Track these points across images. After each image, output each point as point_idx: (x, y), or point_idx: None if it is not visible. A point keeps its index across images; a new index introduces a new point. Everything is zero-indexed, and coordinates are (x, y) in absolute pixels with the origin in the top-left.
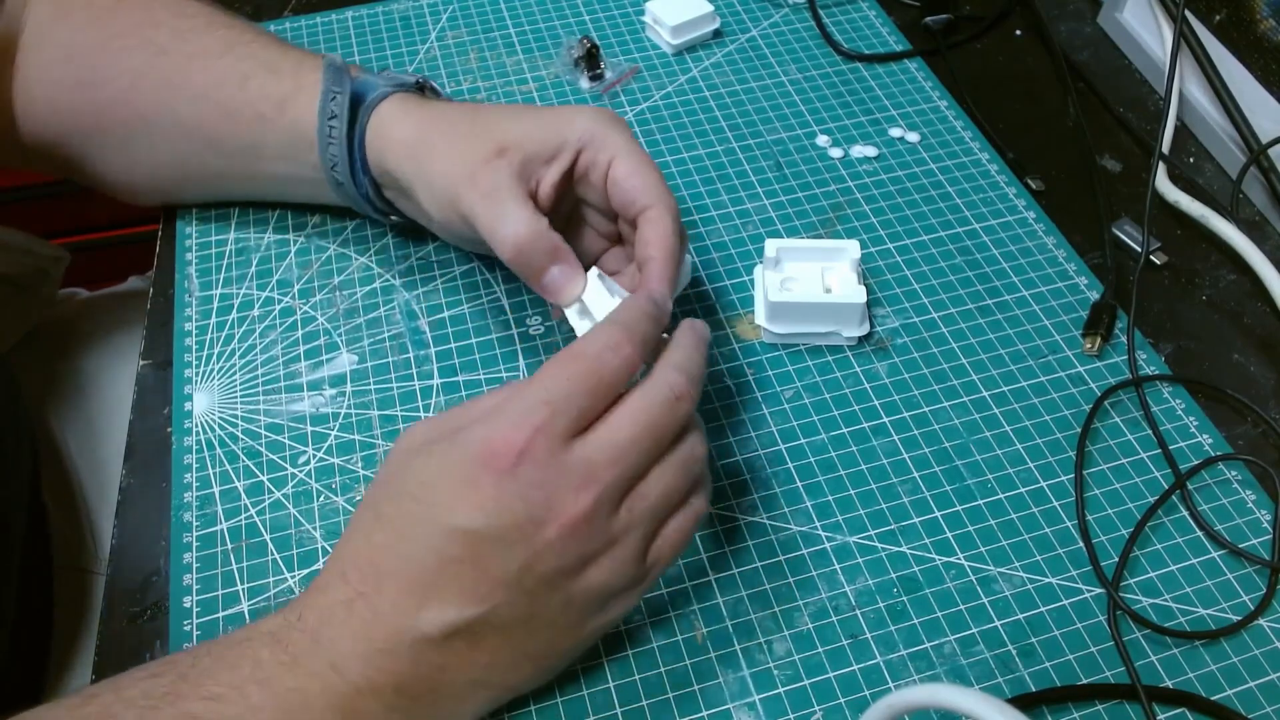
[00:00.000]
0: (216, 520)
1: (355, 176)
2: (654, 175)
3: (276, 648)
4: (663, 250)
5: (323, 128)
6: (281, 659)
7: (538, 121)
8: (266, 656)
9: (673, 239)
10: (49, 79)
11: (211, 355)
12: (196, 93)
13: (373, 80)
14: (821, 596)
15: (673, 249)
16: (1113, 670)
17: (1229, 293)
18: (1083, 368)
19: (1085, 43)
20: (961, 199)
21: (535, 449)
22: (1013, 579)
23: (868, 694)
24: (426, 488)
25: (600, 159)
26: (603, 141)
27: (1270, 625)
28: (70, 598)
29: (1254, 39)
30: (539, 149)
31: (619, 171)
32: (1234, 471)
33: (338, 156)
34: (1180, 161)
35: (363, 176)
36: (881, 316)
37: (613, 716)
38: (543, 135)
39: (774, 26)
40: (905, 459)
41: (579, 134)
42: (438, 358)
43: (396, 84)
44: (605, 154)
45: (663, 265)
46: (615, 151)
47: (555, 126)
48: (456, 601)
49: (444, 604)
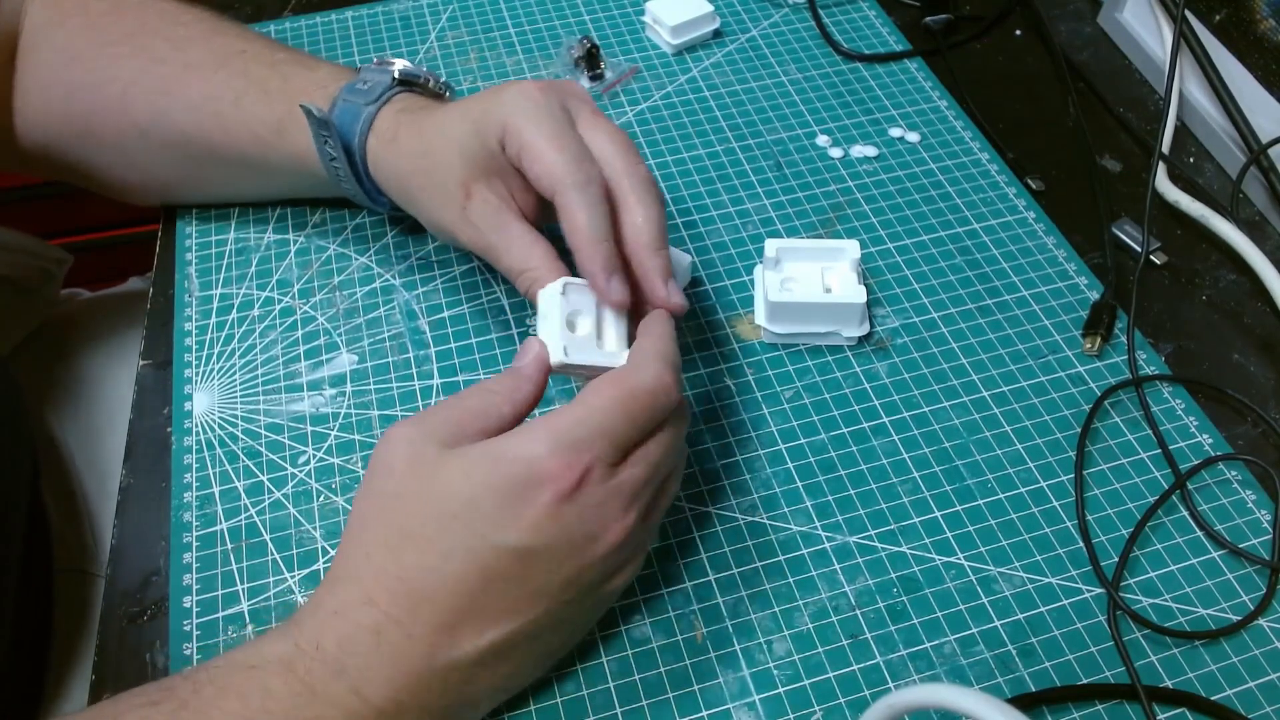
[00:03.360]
0: (216, 520)
1: (372, 197)
2: (555, 155)
3: (290, 677)
4: (581, 238)
5: (328, 169)
6: (295, 688)
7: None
8: (279, 686)
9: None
10: (44, 82)
11: (211, 355)
12: (193, 103)
13: (354, 103)
14: (821, 596)
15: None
16: (1113, 670)
17: (1229, 293)
18: (1083, 368)
19: (1085, 43)
20: (961, 199)
21: (594, 476)
22: (1013, 579)
23: (868, 694)
24: (468, 505)
25: (513, 150)
26: (510, 131)
27: (1270, 625)
28: (71, 600)
29: (1254, 39)
30: (486, 168)
31: (524, 161)
32: (1234, 471)
33: (351, 191)
34: (1180, 161)
35: (381, 198)
36: (881, 316)
37: (613, 716)
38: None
39: (774, 26)
40: (905, 459)
41: (496, 134)
42: (438, 358)
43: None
44: (515, 143)
45: (587, 253)
46: (520, 138)
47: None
48: (496, 619)
49: (483, 624)
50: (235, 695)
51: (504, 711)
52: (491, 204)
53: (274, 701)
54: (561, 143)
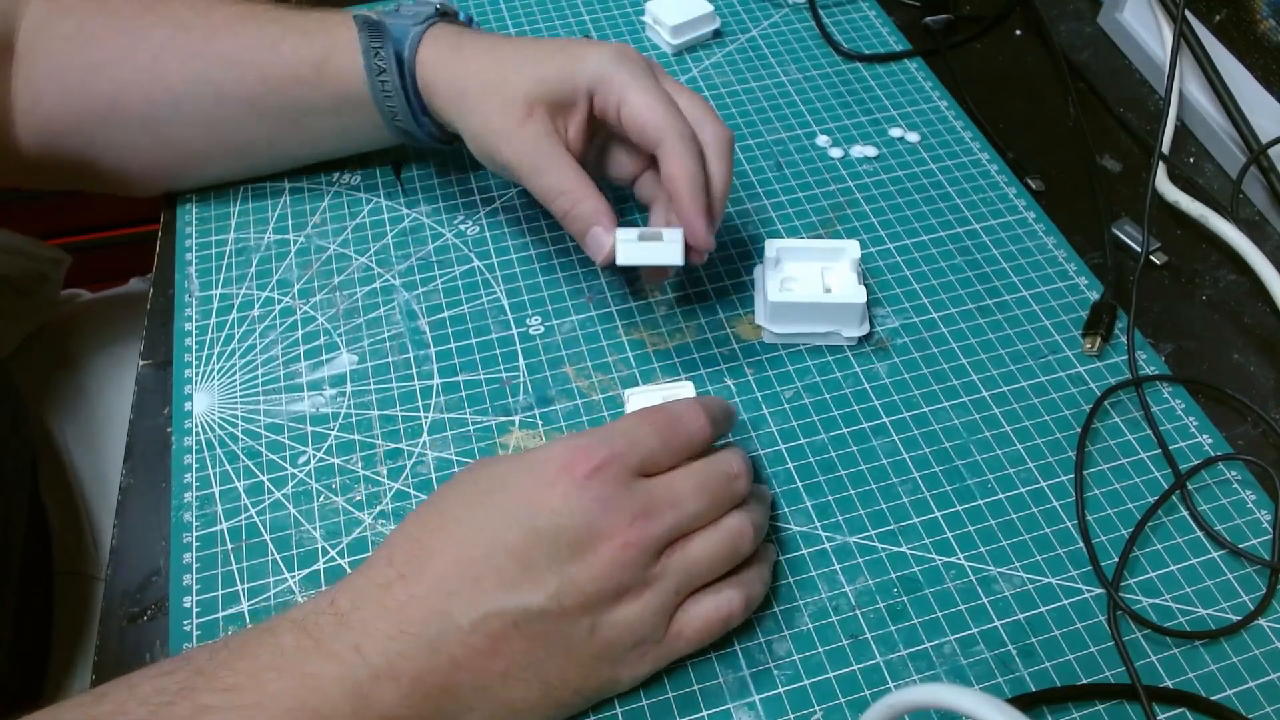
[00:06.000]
0: (216, 520)
1: (418, 119)
2: (659, 108)
3: (301, 634)
4: (684, 184)
5: (374, 85)
6: (304, 643)
7: (554, 67)
8: (289, 643)
9: (689, 169)
10: (57, 68)
11: (211, 355)
12: (229, 58)
13: (400, 23)
14: (821, 596)
15: (692, 178)
16: (1113, 670)
17: (1229, 293)
18: (1083, 368)
19: (1085, 43)
20: (961, 199)
21: (609, 469)
22: (1013, 579)
23: (868, 694)
24: (501, 482)
25: (610, 100)
26: (610, 82)
27: (1270, 625)
28: (71, 602)
29: (1254, 39)
30: (560, 99)
31: (626, 112)
32: (1234, 471)
33: (398, 108)
34: (1180, 161)
35: (424, 118)
36: (881, 316)
37: (613, 716)
38: (559, 86)
39: (774, 26)
40: (905, 459)
41: (588, 79)
42: (438, 358)
43: (421, 19)
44: (614, 95)
45: (689, 200)
46: (621, 91)
47: (568, 73)
48: (493, 589)
49: (480, 591)
50: (249, 655)
51: None
52: (548, 127)
53: (282, 658)
54: (663, 99)
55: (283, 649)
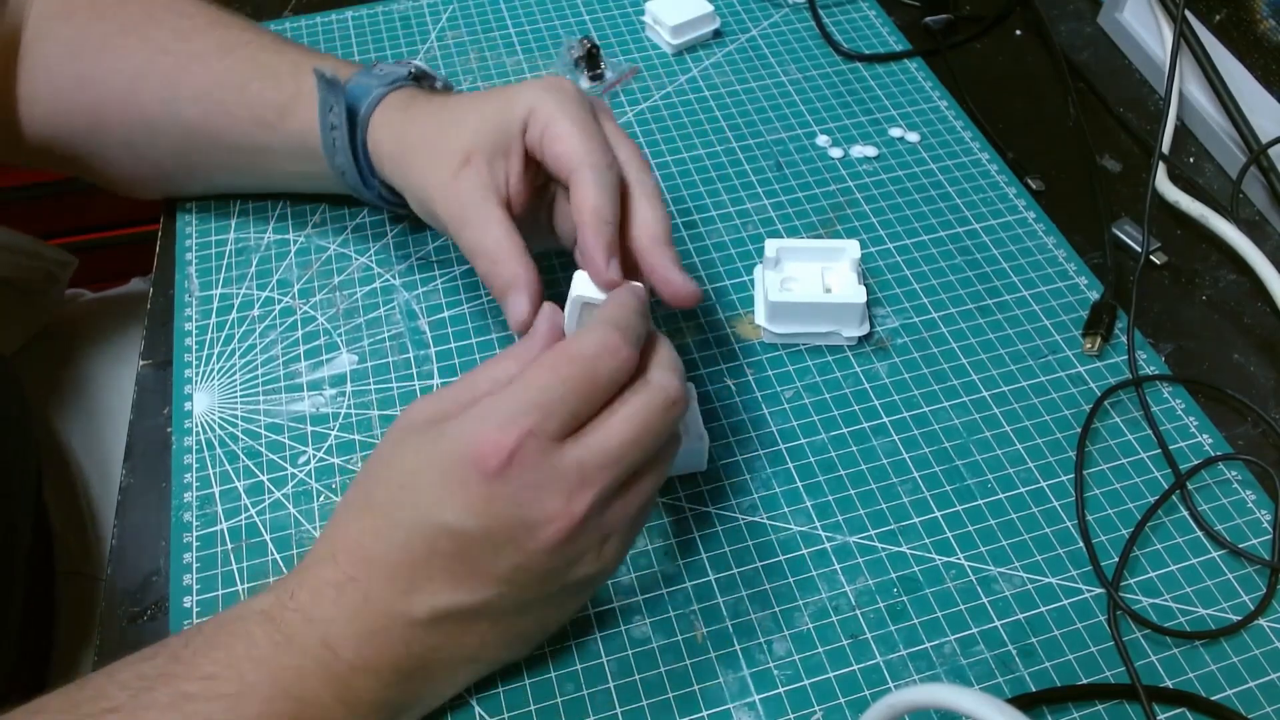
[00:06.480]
0: (216, 520)
1: (365, 180)
2: (579, 136)
3: (269, 626)
4: (588, 215)
5: (326, 139)
6: (275, 638)
7: (491, 110)
8: (260, 635)
9: (594, 201)
10: (51, 76)
11: (211, 355)
12: (199, 92)
13: (367, 82)
14: (821, 596)
15: (595, 210)
16: (1113, 670)
17: (1229, 293)
18: (1083, 368)
19: (1085, 43)
20: (961, 199)
21: (526, 452)
22: (1013, 579)
23: (868, 694)
24: (413, 478)
25: (536, 132)
26: (537, 113)
27: (1270, 625)
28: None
29: (1254, 39)
30: (495, 144)
31: (547, 140)
32: (1234, 471)
33: (345, 165)
34: (1180, 161)
35: (373, 179)
36: (881, 316)
37: (612, 716)
38: (495, 129)
39: (774, 26)
40: (905, 459)
41: (521, 114)
42: (438, 358)
43: (389, 81)
44: (539, 125)
45: (591, 232)
46: (547, 121)
47: (504, 112)
48: (447, 590)
49: (434, 592)
50: (222, 645)
51: (505, 712)
52: (482, 178)
53: (256, 649)
54: (587, 128)
55: (255, 640)
